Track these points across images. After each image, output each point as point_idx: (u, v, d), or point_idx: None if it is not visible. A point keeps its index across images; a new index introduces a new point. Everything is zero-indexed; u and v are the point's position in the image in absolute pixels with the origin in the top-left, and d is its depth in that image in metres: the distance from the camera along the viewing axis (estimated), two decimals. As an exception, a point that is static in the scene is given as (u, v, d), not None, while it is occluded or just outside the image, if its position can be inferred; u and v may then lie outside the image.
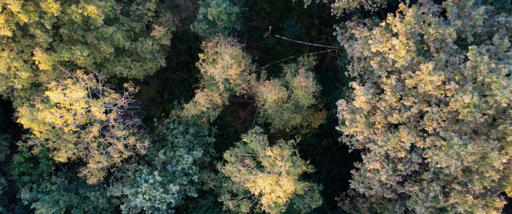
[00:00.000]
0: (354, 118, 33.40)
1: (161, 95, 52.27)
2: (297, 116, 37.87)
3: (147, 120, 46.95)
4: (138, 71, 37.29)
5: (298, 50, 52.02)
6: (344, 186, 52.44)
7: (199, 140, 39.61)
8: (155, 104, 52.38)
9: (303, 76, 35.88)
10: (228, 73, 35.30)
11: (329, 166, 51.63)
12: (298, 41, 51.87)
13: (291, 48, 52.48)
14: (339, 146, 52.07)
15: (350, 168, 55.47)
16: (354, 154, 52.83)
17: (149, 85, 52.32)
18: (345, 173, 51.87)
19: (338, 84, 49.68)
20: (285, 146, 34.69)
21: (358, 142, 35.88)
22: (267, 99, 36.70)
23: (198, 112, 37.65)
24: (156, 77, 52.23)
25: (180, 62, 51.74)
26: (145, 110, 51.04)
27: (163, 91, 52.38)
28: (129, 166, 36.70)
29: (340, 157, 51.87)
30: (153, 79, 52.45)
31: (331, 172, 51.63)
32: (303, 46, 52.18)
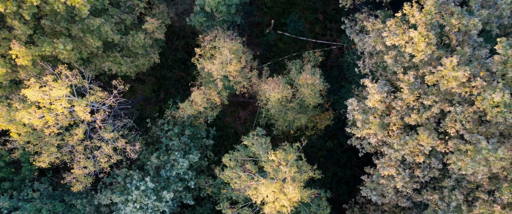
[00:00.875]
0: (366, 119, 29.33)
1: (157, 94, 48.14)
2: (302, 117, 33.79)
3: (141, 120, 42.83)
4: (129, 68, 33.18)
5: (301, 47, 47.94)
6: (350, 190, 48.43)
7: (196, 143, 35.51)
8: (151, 103, 48.27)
9: (309, 72, 31.80)
10: (227, 69, 31.20)
11: (334, 169, 47.53)
12: (301, 38, 47.82)
13: (294, 45, 48.40)
14: (345, 148, 48.01)
15: (356, 171, 51.51)
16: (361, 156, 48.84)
17: (144, 83, 48.19)
18: (351, 176, 47.82)
19: (344, 83, 45.61)
20: (290, 149, 30.61)
21: (370, 146, 31.81)
22: (270, 98, 32.62)
23: (194, 112, 33.56)
24: (151, 75, 48.12)
25: (177, 60, 47.63)
26: (140, 110, 46.94)
27: (159, 90, 48.27)
28: (119, 171, 32.58)
29: (345, 160, 47.79)
30: (149, 78, 48.34)
31: (336, 176, 47.55)
32: (306, 43, 48.10)
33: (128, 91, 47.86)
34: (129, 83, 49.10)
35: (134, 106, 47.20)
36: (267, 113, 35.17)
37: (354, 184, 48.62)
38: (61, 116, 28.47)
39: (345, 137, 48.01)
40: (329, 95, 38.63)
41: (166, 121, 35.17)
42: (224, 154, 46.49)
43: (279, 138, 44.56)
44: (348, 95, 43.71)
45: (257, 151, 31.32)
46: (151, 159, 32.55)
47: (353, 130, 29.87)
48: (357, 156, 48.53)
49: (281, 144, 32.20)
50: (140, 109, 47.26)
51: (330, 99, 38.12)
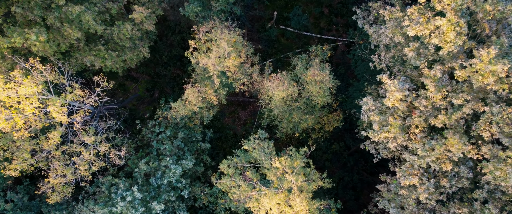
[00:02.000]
0: (384, 120, 24.67)
1: (151, 93, 43.41)
2: (309, 118, 29.10)
3: (133, 122, 38.07)
4: (114, 63, 28.48)
5: (305, 42, 43.21)
6: (357, 196, 43.73)
7: (190, 147, 30.81)
8: (144, 103, 43.52)
9: (317, 68, 27.11)
10: (225, 64, 26.52)
11: (340, 173, 42.77)
12: (305, 33, 43.13)
13: (297, 41, 43.69)
14: (352, 151, 43.28)
15: (363, 176, 46.78)
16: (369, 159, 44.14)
17: (137, 82, 43.44)
18: (358, 181, 43.09)
19: (352, 80, 40.94)
20: (296, 155, 25.93)
21: (387, 151, 27.16)
22: (273, 97, 27.94)
23: (188, 113, 28.86)
24: (145, 73, 43.38)
25: (173, 56, 42.89)
26: (133, 110, 42.25)
27: (153, 89, 43.53)
28: (103, 179, 27.86)
29: (352, 164, 43.05)
30: (142, 75, 43.59)
31: (342, 180, 42.79)
32: (310, 39, 43.38)
33: (120, 90, 43.22)
34: (120, 81, 44.72)
35: (126, 105, 42.52)
36: (270, 113, 30.48)
37: (361, 190, 43.93)
38: (33, 117, 23.75)
39: (352, 139, 43.35)
40: (336, 94, 33.91)
41: (157, 122, 30.46)
42: (222, 158, 41.73)
43: (282, 141, 39.94)
44: (357, 94, 39.09)
45: (259, 157, 26.64)
46: (140, 166, 27.85)
47: (369, 134, 25.14)
48: (365, 160, 43.90)
49: (285, 149, 27.52)
50: (133, 109, 42.57)
51: (339, 98, 33.40)
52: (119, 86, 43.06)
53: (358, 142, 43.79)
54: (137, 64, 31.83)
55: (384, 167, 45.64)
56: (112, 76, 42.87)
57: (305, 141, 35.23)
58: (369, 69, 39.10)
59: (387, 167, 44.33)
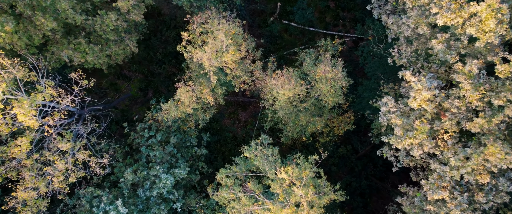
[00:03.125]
0: (408, 124, 20.39)
1: (145, 93, 39.08)
2: (317, 120, 24.82)
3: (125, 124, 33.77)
4: (97, 58, 24.17)
5: (310, 38, 38.92)
6: (365, 203, 39.42)
7: (184, 152, 26.53)
8: (138, 103, 39.19)
9: (328, 64, 22.81)
10: (222, 59, 22.22)
11: (347, 178, 38.45)
12: (310, 28, 38.85)
13: (301, 37, 39.39)
14: (360, 155, 38.97)
15: (372, 181, 42.53)
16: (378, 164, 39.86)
17: (130, 80, 39.09)
18: (366, 187, 38.74)
19: (361, 79, 36.62)
20: (304, 164, 21.63)
21: (409, 158, 22.91)
22: (277, 97, 23.68)
23: (182, 115, 24.55)
24: (138, 71, 39.05)
25: (168, 53, 38.59)
26: (126, 111, 37.94)
27: (146, 88, 39.19)
28: (83, 191, 23.55)
29: (360, 168, 38.74)
30: (135, 74, 39.25)
31: (350, 186, 38.44)
32: (315, 34, 39.09)
33: (111, 89, 38.89)
34: (112, 80, 40.37)
35: (118, 106, 38.24)
36: (274, 115, 26.19)
37: (370, 196, 39.63)
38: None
39: (360, 143, 39.08)
40: (347, 94, 29.62)
41: (147, 125, 26.16)
42: (221, 162, 37.51)
43: (285, 145, 35.73)
44: (367, 93, 34.82)
45: (262, 166, 22.35)
46: (125, 175, 23.55)
47: (391, 140, 20.82)
48: (374, 164, 39.62)
49: (291, 156, 23.25)
50: (125, 110, 38.26)
51: (349, 98, 29.11)
52: (110, 85, 38.75)
53: (367, 146, 39.60)
54: (124, 60, 27.53)
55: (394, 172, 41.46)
56: (103, 74, 38.66)
57: (312, 145, 30.96)
58: (381, 66, 34.80)
59: (402, 174, 40.21)
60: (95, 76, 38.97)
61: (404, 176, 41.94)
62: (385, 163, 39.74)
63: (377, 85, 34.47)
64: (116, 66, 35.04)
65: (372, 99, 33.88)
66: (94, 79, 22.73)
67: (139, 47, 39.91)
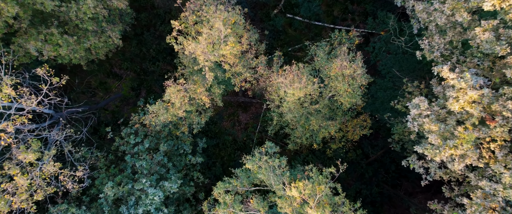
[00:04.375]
0: (447, 131, 16.04)
1: (137, 93, 34.58)
2: (331, 124, 20.40)
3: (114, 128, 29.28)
4: (72, 51, 19.72)
5: (316, 34, 34.51)
6: (376, 211, 35.04)
7: (177, 161, 22.12)
8: (130, 104, 34.70)
9: (346, 58, 18.38)
10: (220, 53, 17.78)
11: (357, 185, 34.10)
12: (316, 23, 34.43)
13: (307, 32, 34.98)
14: (370, 160, 34.56)
15: (383, 189, 38.13)
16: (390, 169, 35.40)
17: (121, 79, 34.62)
18: (377, 195, 34.40)
19: (374, 78, 32.19)
20: (318, 177, 17.25)
21: (443, 171, 18.52)
22: (285, 97, 19.27)
23: (172, 118, 20.10)
24: (130, 69, 34.57)
25: (162, 50, 34.15)
26: (116, 112, 33.47)
27: (139, 88, 34.71)
28: (55, 209, 19.12)
29: (371, 175, 34.36)
30: (126, 72, 34.76)
31: (360, 194, 34.09)
32: (322, 29, 34.67)
33: (101, 89, 34.43)
34: (101, 79, 35.92)
35: (108, 107, 33.80)
36: (279, 119, 21.76)
37: (381, 205, 35.26)
38: None
39: (370, 147, 34.70)
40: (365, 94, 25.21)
41: (133, 130, 21.73)
42: (219, 168, 33.15)
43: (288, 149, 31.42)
44: (381, 93, 30.48)
45: (267, 179, 17.96)
46: (105, 190, 19.12)
47: (426, 151, 16.39)
48: (386, 170, 35.22)
49: (302, 168, 18.87)
50: (116, 111, 33.79)
51: (366, 98, 24.75)
52: (99, 85, 34.25)
53: (378, 150, 35.28)
54: (108, 55, 23.13)
55: (407, 178, 37.10)
56: (92, 72, 34.23)
57: (322, 151, 26.60)
58: (398, 63, 30.40)
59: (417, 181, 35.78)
60: (82, 74, 34.67)
61: (418, 183, 37.60)
62: (398, 169, 35.38)
63: (392, 84, 30.22)
64: (102, 63, 30.70)
65: (389, 99, 29.59)
66: (67, 76, 18.24)
67: (131, 43, 35.62)
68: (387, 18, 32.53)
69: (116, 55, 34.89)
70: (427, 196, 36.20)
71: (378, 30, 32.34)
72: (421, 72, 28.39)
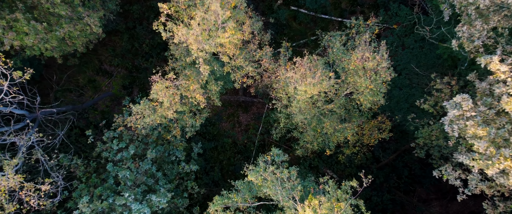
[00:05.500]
0: (501, 136, 12.49)
1: (129, 91, 30.93)
2: (348, 127, 16.78)
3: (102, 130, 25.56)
4: (41, 41, 16.02)
5: (323, 28, 30.89)
6: (388, 220, 31.56)
7: (168, 170, 18.49)
8: (120, 104, 30.94)
9: (368, 49, 14.78)
10: (217, 41, 14.12)
11: (367, 192, 30.40)
12: (323, 16, 30.86)
13: (312, 26, 31.41)
14: (381, 164, 30.99)
15: (396, 195, 34.55)
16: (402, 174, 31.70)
17: (111, 76, 30.96)
18: (389, 202, 30.79)
19: (387, 75, 28.56)
20: (337, 193, 13.66)
21: (486, 184, 14.97)
22: (295, 95, 15.61)
23: (161, 120, 16.46)
24: (121, 66, 30.91)
25: (156, 45, 30.53)
26: (106, 112, 29.82)
27: (131, 86, 31.07)
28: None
29: (382, 180, 30.76)
30: (117, 69, 31.09)
31: (370, 201, 30.48)
32: (329, 22, 31.08)
33: (90, 87, 30.75)
34: (90, 76, 32.13)
35: (97, 107, 30.18)
36: (286, 120, 18.12)
37: (393, 212, 31.65)
38: None
39: (382, 150, 31.14)
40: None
41: (116, 134, 18.08)
42: (218, 173, 29.50)
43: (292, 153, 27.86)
44: (396, 91, 26.69)
45: (274, 194, 14.35)
46: (80, 206, 15.49)
47: (474, 161, 12.79)
48: (398, 175, 31.63)
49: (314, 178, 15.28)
50: (106, 111, 30.13)
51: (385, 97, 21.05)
52: (88, 82, 30.60)
53: (390, 154, 31.73)
54: (88, 47, 19.48)
55: (421, 184, 33.49)
56: (80, 69, 30.57)
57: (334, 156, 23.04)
58: (415, 58, 26.74)
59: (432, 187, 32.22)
60: (69, 71, 31.02)
61: (433, 189, 34.17)
62: (411, 174, 31.85)
63: (408, 81, 26.68)
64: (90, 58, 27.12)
65: (406, 98, 26.01)
66: (32, 69, 14.60)
67: (122, 37, 31.91)
68: (400, 10, 29.00)
69: (105, 50, 31.26)
70: (442, 203, 32.65)
71: (390, 23, 28.79)
72: (441, 68, 24.88)
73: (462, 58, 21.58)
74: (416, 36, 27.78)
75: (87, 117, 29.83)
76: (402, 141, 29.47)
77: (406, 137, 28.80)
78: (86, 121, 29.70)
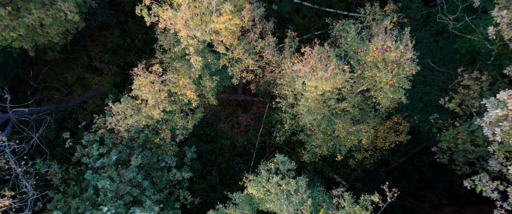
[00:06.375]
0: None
1: (121, 90, 28.25)
2: (362, 129, 14.10)
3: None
4: (5, 29, 13.31)
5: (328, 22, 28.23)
6: (397, 226, 28.91)
7: (157, 177, 15.82)
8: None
9: (390, 38, 12.11)
10: (211, 27, 11.43)
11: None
12: (328, 9, 28.24)
13: (316, 20, 28.80)
14: (390, 168, 28.35)
15: (406, 201, 31.92)
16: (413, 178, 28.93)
17: (101, 74, 28.30)
18: (398, 208, 28.15)
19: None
20: (354, 209, 10.98)
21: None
22: (303, 92, 12.92)
23: (147, 122, 13.79)
24: (112, 63, 28.26)
25: (149, 40, 27.90)
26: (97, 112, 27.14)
27: (123, 84, 28.42)
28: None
29: (391, 184, 27.69)
30: (108, 66, 28.43)
31: (378, 207, 27.75)
32: (334, 16, 28.42)
33: (78, 85, 28.11)
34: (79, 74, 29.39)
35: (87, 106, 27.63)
36: (292, 121, 15.44)
37: (404, 219, 29.01)
38: None
39: (390, 152, 28.47)
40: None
41: (97, 137, 15.42)
42: (216, 177, 26.91)
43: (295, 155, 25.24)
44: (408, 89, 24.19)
45: (279, 210, 11.67)
46: (51, 223, 12.83)
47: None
48: (408, 180, 28.89)
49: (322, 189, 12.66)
50: (96, 111, 27.47)
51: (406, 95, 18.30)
52: (77, 80, 27.99)
53: (400, 157, 29.10)
54: (67, 38, 16.80)
55: (432, 188, 30.87)
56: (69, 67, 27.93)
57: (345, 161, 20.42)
58: (430, 52, 24.15)
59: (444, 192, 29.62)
60: (58, 69, 28.41)
61: (446, 194, 31.55)
62: (422, 179, 29.19)
63: (422, 78, 24.05)
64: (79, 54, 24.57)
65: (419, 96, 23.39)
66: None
67: (113, 32, 29.18)
68: (412, 2, 26.38)
69: (95, 46, 28.56)
70: (455, 209, 29.97)
71: (403, 14, 26.23)
72: (459, 63, 22.28)
73: (485, 52, 18.98)
74: (430, 30, 25.16)
75: (76, 117, 27.22)
76: (413, 143, 26.80)
77: (417, 139, 26.15)
78: (75, 121, 27.09)
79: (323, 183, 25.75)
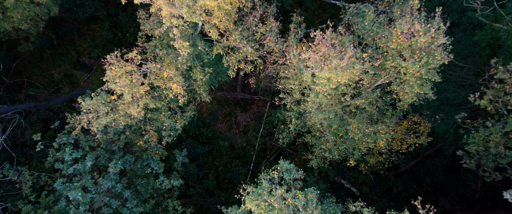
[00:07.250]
0: None
1: (111, 88, 25.76)
2: (381, 131, 11.60)
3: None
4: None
5: (333, 15, 25.86)
6: (407, 234, 26.45)
7: (141, 186, 13.32)
8: (102, 102, 25.85)
9: (417, 20, 9.62)
10: (202, 4, 8.93)
11: (383, 202, 25.26)
12: (333, 1, 25.70)
13: (321, 12, 26.42)
14: (400, 171, 25.85)
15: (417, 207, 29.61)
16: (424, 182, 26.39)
17: (91, 70, 25.87)
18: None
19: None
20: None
21: None
22: (314, 86, 10.43)
23: (126, 121, 11.34)
24: (101, 58, 25.72)
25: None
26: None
27: (113, 81, 25.88)
28: None
29: (400, 189, 25.60)
30: (97, 61, 25.99)
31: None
32: (339, 9, 25.87)
33: (66, 82, 25.71)
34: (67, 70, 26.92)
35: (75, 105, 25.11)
36: (298, 121, 12.94)
37: (413, 226, 26.50)
38: None
39: (400, 154, 26.03)
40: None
41: (71, 139, 12.96)
42: (213, 181, 24.49)
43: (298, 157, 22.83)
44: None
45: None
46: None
47: None
48: (419, 184, 26.41)
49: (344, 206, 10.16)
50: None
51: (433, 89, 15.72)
52: (64, 77, 25.57)
53: (410, 159, 26.68)
54: (38, 26, 14.38)
55: (444, 193, 28.44)
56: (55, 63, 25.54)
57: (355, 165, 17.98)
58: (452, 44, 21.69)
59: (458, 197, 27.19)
60: (43, 65, 26.02)
61: (459, 199, 29.14)
62: (433, 183, 26.74)
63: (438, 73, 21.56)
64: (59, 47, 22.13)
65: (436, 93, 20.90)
66: None
67: (103, 25, 26.69)
68: (423, -7, 23.91)
69: (84, 40, 26.12)
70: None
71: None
72: (479, 58, 19.85)
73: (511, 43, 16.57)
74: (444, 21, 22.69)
75: (63, 117, 24.77)
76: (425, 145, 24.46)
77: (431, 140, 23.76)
78: (62, 122, 24.68)
79: (328, 189, 23.32)
